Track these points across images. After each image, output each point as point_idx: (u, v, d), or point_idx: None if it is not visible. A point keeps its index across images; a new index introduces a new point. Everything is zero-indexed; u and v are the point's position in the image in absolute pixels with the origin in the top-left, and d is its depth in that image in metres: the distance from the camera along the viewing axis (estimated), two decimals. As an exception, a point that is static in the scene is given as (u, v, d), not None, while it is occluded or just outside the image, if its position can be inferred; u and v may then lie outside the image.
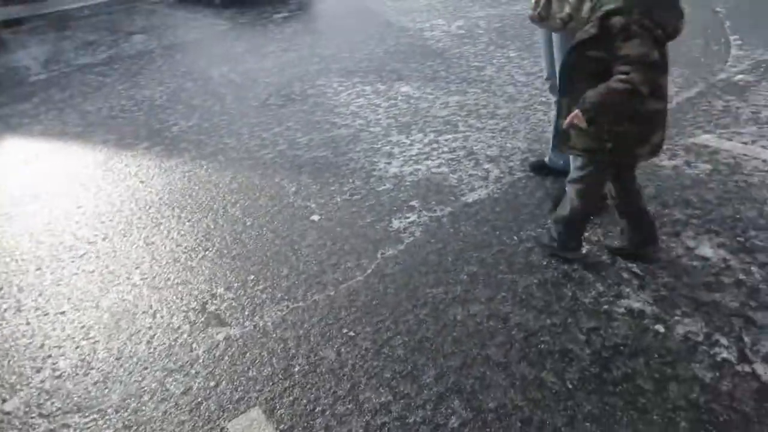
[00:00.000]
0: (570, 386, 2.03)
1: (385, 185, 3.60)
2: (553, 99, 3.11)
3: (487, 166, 3.67)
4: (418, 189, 3.48)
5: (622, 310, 2.35)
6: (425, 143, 4.12)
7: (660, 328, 2.24)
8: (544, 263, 2.67)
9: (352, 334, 2.39)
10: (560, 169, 3.31)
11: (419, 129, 4.34)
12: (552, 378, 2.07)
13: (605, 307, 2.38)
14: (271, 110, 5.44)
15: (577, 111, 2.08)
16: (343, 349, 2.31)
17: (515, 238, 2.88)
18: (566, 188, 2.52)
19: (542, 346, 2.22)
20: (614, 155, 2.26)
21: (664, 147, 3.50)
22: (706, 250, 2.63)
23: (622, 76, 1.98)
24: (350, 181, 3.74)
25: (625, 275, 2.54)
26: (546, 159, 3.47)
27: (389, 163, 3.89)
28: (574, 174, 2.45)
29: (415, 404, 2.02)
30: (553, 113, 2.95)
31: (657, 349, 2.15)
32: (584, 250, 2.69)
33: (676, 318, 2.28)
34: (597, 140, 2.22)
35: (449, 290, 2.57)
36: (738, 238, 2.67)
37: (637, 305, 2.36)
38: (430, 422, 1.95)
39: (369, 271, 2.78)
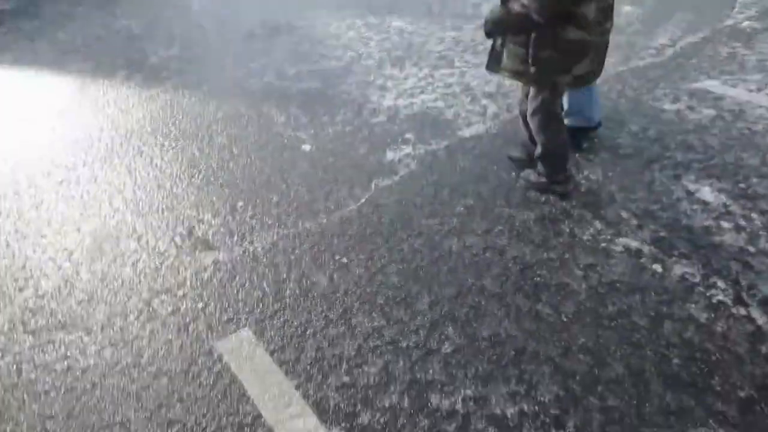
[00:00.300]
0: (565, 319, 2.02)
1: (378, 117, 3.49)
2: None
3: (484, 102, 3.57)
4: (413, 122, 3.38)
5: (620, 248, 2.32)
6: (420, 77, 3.99)
7: (657, 267, 2.22)
8: (542, 200, 2.62)
9: (344, 260, 2.34)
10: (576, 126, 3.11)
11: (413, 63, 4.20)
12: (547, 310, 2.05)
13: (603, 245, 2.35)
14: (257, 41, 5.22)
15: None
16: (335, 275, 2.26)
17: (513, 174, 2.82)
18: (530, 125, 2.58)
19: (538, 279, 2.19)
20: (536, 79, 2.38)
21: (665, 91, 3.47)
22: (707, 194, 2.60)
23: (525, 2, 2.14)
24: (342, 112, 3.62)
25: (624, 215, 2.50)
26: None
27: (383, 96, 3.76)
28: (530, 107, 2.52)
29: (409, 329, 2.00)
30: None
31: (653, 287, 2.13)
32: (572, 185, 2.66)
33: (674, 259, 2.26)
34: (523, 64, 2.33)
35: (445, 222, 2.51)
36: (740, 185, 2.64)
37: (635, 244, 2.34)
38: (423, 347, 1.92)
39: (362, 200, 2.71)
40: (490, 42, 2.50)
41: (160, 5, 6.33)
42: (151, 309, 2.20)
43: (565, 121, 2.94)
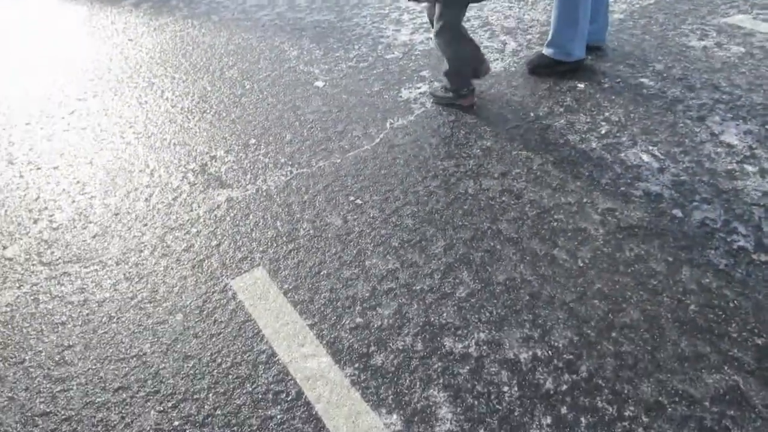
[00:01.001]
0: (581, 264, 1.99)
1: (393, 53, 3.37)
2: None
3: (503, 37, 3.43)
4: (429, 59, 3.26)
5: (639, 192, 2.27)
6: (438, 12, 3.82)
7: (677, 212, 2.17)
8: (561, 141, 2.55)
9: (359, 202, 2.31)
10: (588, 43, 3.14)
11: (432, -4, 4.01)
12: (564, 255, 2.03)
13: (622, 188, 2.29)
14: (270, -32, 5.00)
15: None
16: (349, 216, 2.24)
17: (531, 114, 2.73)
18: (437, 42, 2.68)
19: (555, 224, 2.16)
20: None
21: (693, 26, 3.31)
22: (732, 137, 2.51)
23: None
24: (356, 47, 3.50)
25: (645, 158, 2.43)
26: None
27: (398, 31, 3.62)
28: (435, 27, 2.63)
29: (423, 273, 1.99)
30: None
31: (673, 233, 2.09)
32: (475, 99, 2.83)
33: (695, 204, 2.21)
34: None
35: (461, 163, 2.46)
36: (766, 126, 2.54)
37: (655, 189, 2.28)
38: (437, 291, 1.92)
39: (377, 140, 2.65)
40: None
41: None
42: (165, 245, 2.20)
43: (545, 51, 3.00)
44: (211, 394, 1.66)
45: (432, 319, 1.82)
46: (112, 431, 1.60)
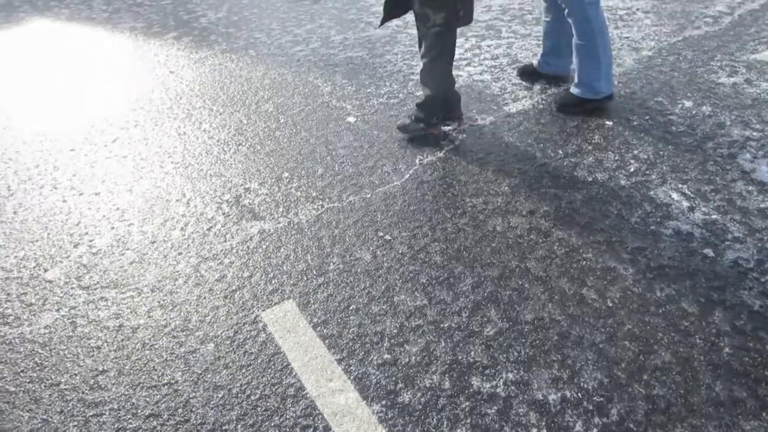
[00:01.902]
0: (611, 304, 1.99)
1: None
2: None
3: (533, 76, 3.47)
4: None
5: (669, 231, 2.26)
6: (466, 48, 3.90)
7: (709, 252, 2.16)
8: (590, 179, 2.56)
9: (388, 237, 2.34)
10: (550, 73, 3.35)
11: (460, 33, 4.10)
12: (593, 295, 2.02)
13: (652, 227, 2.29)
14: (303, 6, 5.18)
15: None
16: (378, 252, 2.27)
17: (560, 152, 2.75)
18: (428, 72, 2.77)
19: (584, 263, 2.16)
20: (464, 19, 2.65)
21: (722, 62, 3.32)
22: (764, 175, 2.49)
23: None
24: (387, 84, 3.58)
25: (675, 196, 2.43)
26: (535, 63, 3.41)
27: (430, 68, 3.70)
28: (435, 54, 2.69)
29: (451, 310, 2.00)
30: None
31: (704, 273, 2.07)
32: (444, 131, 2.97)
33: (727, 243, 2.19)
34: (452, 11, 2.58)
35: (489, 201, 2.49)
36: (800, 167, 2.52)
37: (685, 228, 2.27)
38: (465, 329, 1.93)
39: (407, 176, 2.70)
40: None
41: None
42: (198, 274, 2.26)
43: (573, 90, 3.05)
44: (239, 426, 1.68)
45: (460, 357, 1.82)
46: (143, 459, 1.63)
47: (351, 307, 2.04)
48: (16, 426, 1.77)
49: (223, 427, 1.68)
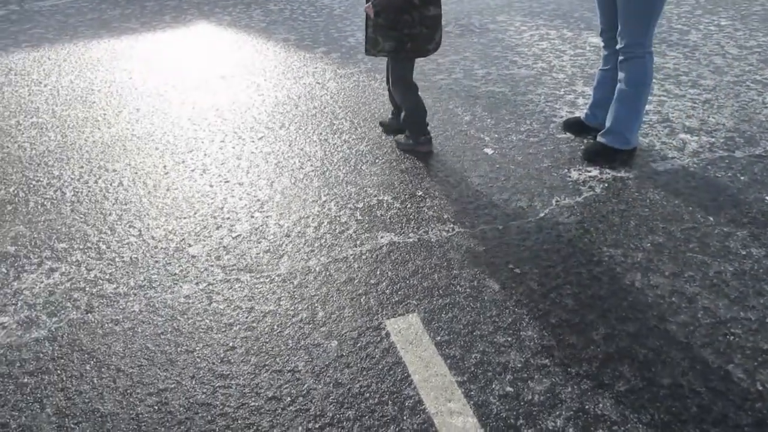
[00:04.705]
0: (761, 388, 1.81)
1: (565, 134, 3.38)
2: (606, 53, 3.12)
3: (683, 136, 3.32)
4: (603, 145, 3.23)
5: (834, 324, 2.04)
6: (615, 100, 3.79)
7: None
8: (743, 253, 2.38)
9: (518, 271, 2.30)
10: (595, 127, 3.29)
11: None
12: (740, 374, 1.86)
13: (814, 316, 2.08)
14: (449, 38, 5.30)
15: (368, 4, 2.80)
16: (507, 284, 2.23)
17: (711, 218, 2.59)
18: (394, 95, 3.15)
19: (732, 338, 1.99)
20: (413, 51, 2.90)
21: None
22: None
23: None
24: (528, 122, 3.56)
25: (844, 289, 2.19)
26: (582, 116, 3.35)
27: (572, 113, 3.64)
28: (393, 78, 3.04)
29: (580, 357, 1.91)
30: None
31: None
32: (431, 146, 3.23)
33: None
34: (399, 42, 2.86)
35: (629, 255, 2.38)
36: None
37: None
38: (594, 379, 1.84)
39: (542, 215, 2.64)
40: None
41: (361, -9, 6.67)
42: (327, 273, 2.33)
43: (600, 139, 3.08)
44: (356, 426, 1.69)
45: (587, 406, 1.73)
46: (261, 436, 1.68)
47: (475, 333, 2.01)
48: (153, 382, 1.89)
49: (341, 424, 1.70)
